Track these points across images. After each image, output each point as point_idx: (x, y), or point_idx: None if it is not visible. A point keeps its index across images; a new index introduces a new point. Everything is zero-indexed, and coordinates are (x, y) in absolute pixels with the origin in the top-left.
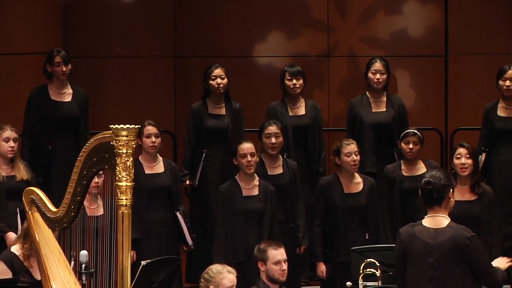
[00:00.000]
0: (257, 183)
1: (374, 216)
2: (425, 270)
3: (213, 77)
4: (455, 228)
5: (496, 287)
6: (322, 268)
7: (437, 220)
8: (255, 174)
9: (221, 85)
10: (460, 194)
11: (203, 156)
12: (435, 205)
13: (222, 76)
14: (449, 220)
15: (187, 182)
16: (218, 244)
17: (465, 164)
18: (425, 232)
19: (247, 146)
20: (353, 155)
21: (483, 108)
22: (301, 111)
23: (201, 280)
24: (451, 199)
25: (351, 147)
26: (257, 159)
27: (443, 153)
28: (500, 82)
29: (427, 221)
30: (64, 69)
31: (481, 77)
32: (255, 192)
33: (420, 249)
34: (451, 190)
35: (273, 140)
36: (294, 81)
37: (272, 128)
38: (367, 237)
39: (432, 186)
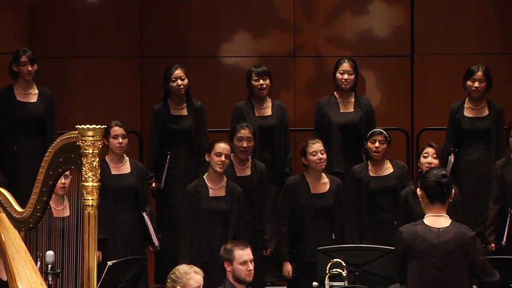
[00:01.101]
0: (225, 184)
1: (340, 216)
2: (428, 269)
3: (173, 79)
4: (458, 228)
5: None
6: (288, 268)
7: (438, 220)
8: (223, 175)
9: (182, 86)
10: None
11: (168, 158)
12: (440, 202)
13: (182, 77)
14: (450, 219)
15: (153, 184)
16: (183, 243)
17: (431, 163)
18: (428, 231)
19: (224, 146)
20: (319, 154)
21: (448, 108)
22: (268, 111)
23: (168, 280)
24: (450, 200)
25: (316, 146)
26: (229, 162)
27: (409, 153)
28: (468, 83)
29: (429, 220)
30: (30, 68)
31: (446, 77)
32: (222, 193)
33: (423, 248)
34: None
35: (245, 144)
36: (261, 81)
37: (245, 132)
38: (333, 237)
39: (447, 180)
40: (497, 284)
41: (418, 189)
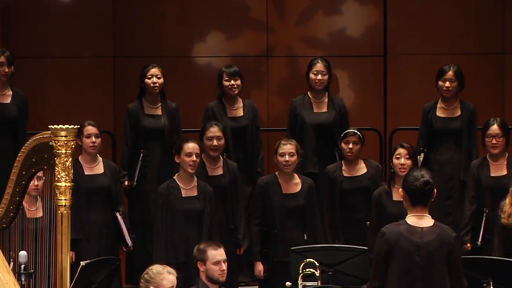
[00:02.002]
0: (196, 183)
1: (312, 216)
2: (411, 269)
3: (149, 76)
4: (441, 227)
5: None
6: (259, 267)
7: (421, 219)
8: (194, 175)
9: (157, 84)
10: (399, 194)
11: (141, 156)
12: (422, 204)
13: (158, 76)
14: (433, 219)
15: (126, 182)
16: (158, 245)
17: (404, 164)
18: (412, 231)
19: (193, 146)
20: (286, 156)
21: (421, 108)
22: (239, 112)
23: (141, 280)
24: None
25: (286, 147)
26: (199, 161)
27: (382, 153)
28: (440, 83)
29: (412, 220)
30: (6, 70)
31: (419, 77)
32: (194, 192)
33: (407, 248)
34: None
35: (215, 142)
36: (232, 81)
37: (214, 130)
38: (305, 238)
39: (430, 186)
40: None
41: (400, 189)
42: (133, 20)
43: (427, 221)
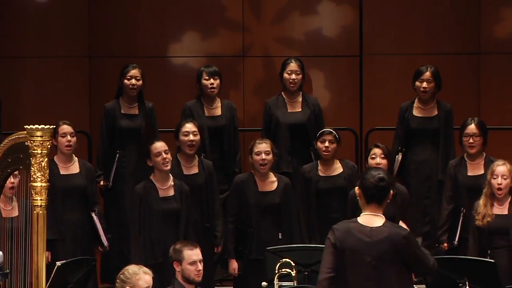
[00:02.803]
0: (172, 183)
1: (287, 215)
2: (362, 269)
3: (129, 77)
4: (390, 227)
5: (433, 273)
6: (234, 265)
7: (373, 219)
8: (170, 174)
9: (135, 86)
10: None
11: (117, 156)
12: (376, 203)
13: (138, 78)
14: (384, 219)
15: (101, 182)
16: (135, 245)
17: (379, 164)
18: (361, 229)
19: (160, 145)
20: (262, 154)
21: (397, 108)
22: (217, 111)
23: (117, 280)
24: (388, 200)
25: (262, 146)
26: (171, 157)
27: (358, 153)
28: (417, 83)
29: (362, 219)
30: None
31: (395, 78)
32: (171, 192)
33: (355, 246)
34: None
35: (191, 137)
36: (212, 80)
37: (189, 126)
38: (280, 237)
39: (385, 183)
40: (434, 270)
41: (356, 187)
42: (109, 20)
43: (378, 221)
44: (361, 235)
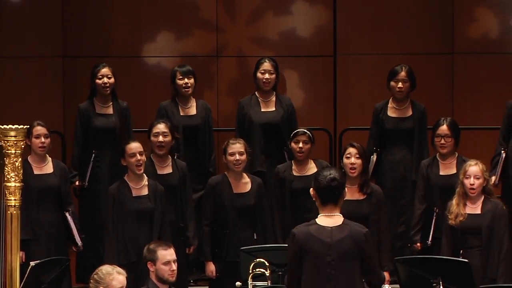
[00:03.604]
0: (146, 182)
1: (261, 216)
2: (323, 269)
3: (100, 77)
4: (350, 225)
5: (379, 283)
6: (211, 267)
7: (332, 219)
8: (144, 174)
9: (107, 84)
10: (349, 193)
11: (93, 156)
12: (332, 203)
13: (109, 76)
14: (343, 218)
15: (77, 183)
16: (109, 245)
17: (354, 163)
18: (321, 231)
19: (135, 146)
20: (236, 155)
21: (371, 108)
22: (192, 111)
23: (91, 281)
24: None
25: (235, 146)
26: (145, 158)
27: (332, 153)
28: (392, 83)
29: (321, 220)
30: None
31: (369, 77)
32: (145, 192)
33: (317, 248)
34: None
35: (161, 138)
36: (186, 80)
37: (160, 127)
38: (255, 237)
39: (337, 183)
40: (382, 280)
41: (311, 189)
42: (83, 20)
43: (336, 220)
44: (322, 236)
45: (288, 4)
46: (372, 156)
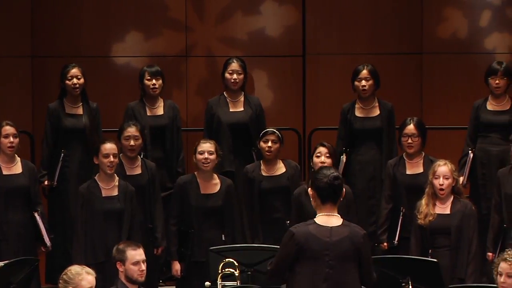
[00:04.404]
0: (117, 183)
1: (230, 216)
2: (321, 269)
3: (70, 77)
4: (350, 226)
5: (372, 285)
6: (177, 267)
7: (330, 219)
8: (115, 174)
9: (77, 85)
10: None
11: (62, 156)
12: (331, 202)
13: (79, 76)
14: (341, 218)
15: (46, 182)
16: (77, 244)
17: (324, 163)
18: (321, 230)
19: (110, 146)
20: (206, 154)
21: (340, 108)
22: (160, 111)
23: (60, 281)
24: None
25: (206, 145)
26: (118, 161)
27: (301, 153)
28: (356, 83)
29: (320, 220)
30: None
31: (338, 77)
32: (115, 192)
33: (317, 247)
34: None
35: (132, 142)
36: (154, 81)
37: (132, 130)
38: (223, 238)
39: (340, 181)
40: (375, 282)
41: (309, 189)
42: (52, 19)
43: (336, 220)
44: (322, 236)
45: (257, 4)
46: (342, 157)
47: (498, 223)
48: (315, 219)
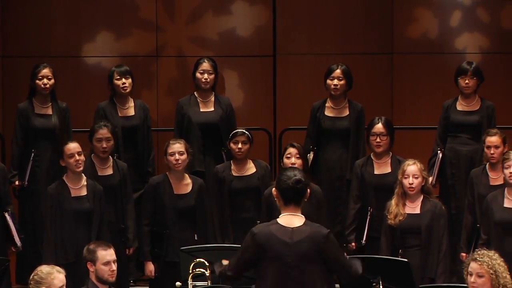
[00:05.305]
0: (85, 183)
1: (202, 216)
2: (283, 269)
3: (40, 77)
4: (311, 226)
5: (354, 279)
6: (150, 267)
7: (292, 219)
8: (83, 174)
9: (47, 85)
10: None
11: (32, 156)
12: (294, 204)
13: (49, 77)
14: (304, 218)
15: (17, 182)
16: (47, 245)
17: (295, 163)
18: (282, 231)
19: (73, 146)
20: (176, 155)
21: (311, 108)
22: (130, 111)
23: (31, 283)
24: (306, 199)
25: (176, 146)
26: (84, 158)
27: (272, 153)
28: (328, 82)
29: (282, 220)
30: None
31: (309, 77)
32: (84, 192)
33: (278, 248)
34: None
35: (104, 144)
36: (123, 80)
37: (103, 132)
38: (196, 238)
39: (302, 185)
40: (356, 274)
41: (273, 189)
42: (22, 19)
43: (298, 221)
44: (283, 236)
45: (228, 4)
46: (308, 155)
47: (471, 223)
48: (277, 219)
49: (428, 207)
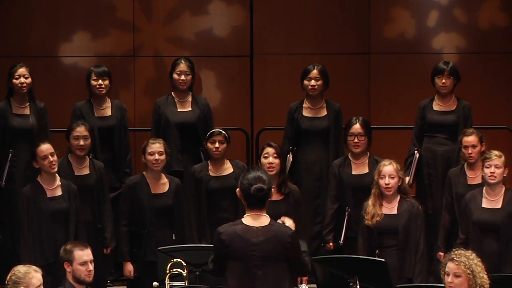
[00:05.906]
0: (59, 183)
1: (179, 216)
2: (248, 269)
3: (17, 76)
4: (276, 226)
5: (306, 275)
6: (129, 267)
7: (258, 219)
8: (57, 174)
9: (24, 84)
10: None
11: (9, 156)
12: (258, 207)
13: (26, 76)
14: (269, 218)
15: None
16: (25, 246)
17: (272, 163)
18: (247, 230)
19: (45, 147)
20: (156, 155)
21: (288, 108)
22: (107, 112)
23: (8, 283)
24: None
25: (155, 146)
26: (57, 158)
27: (249, 153)
28: (305, 82)
29: (248, 220)
30: None
31: (286, 77)
32: (59, 192)
33: (243, 248)
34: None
35: (81, 142)
36: (100, 81)
37: (80, 130)
38: (173, 237)
39: (264, 192)
40: (309, 270)
41: (237, 189)
42: (0, 19)
43: (263, 221)
44: (248, 236)
45: (205, 4)
46: (288, 156)
47: (448, 223)
48: (242, 219)
49: (405, 207)
